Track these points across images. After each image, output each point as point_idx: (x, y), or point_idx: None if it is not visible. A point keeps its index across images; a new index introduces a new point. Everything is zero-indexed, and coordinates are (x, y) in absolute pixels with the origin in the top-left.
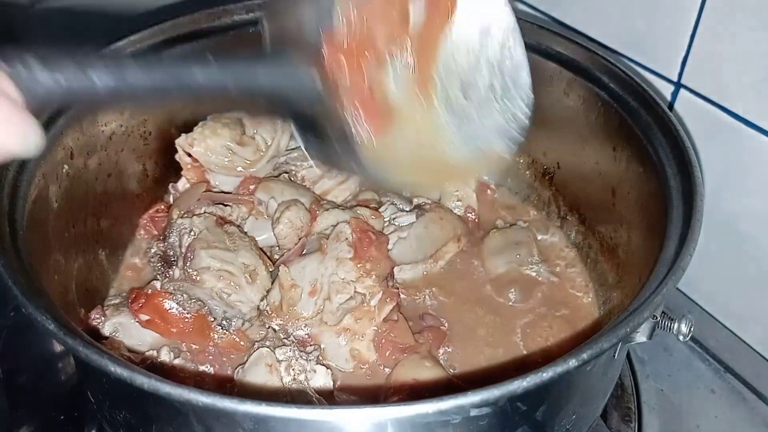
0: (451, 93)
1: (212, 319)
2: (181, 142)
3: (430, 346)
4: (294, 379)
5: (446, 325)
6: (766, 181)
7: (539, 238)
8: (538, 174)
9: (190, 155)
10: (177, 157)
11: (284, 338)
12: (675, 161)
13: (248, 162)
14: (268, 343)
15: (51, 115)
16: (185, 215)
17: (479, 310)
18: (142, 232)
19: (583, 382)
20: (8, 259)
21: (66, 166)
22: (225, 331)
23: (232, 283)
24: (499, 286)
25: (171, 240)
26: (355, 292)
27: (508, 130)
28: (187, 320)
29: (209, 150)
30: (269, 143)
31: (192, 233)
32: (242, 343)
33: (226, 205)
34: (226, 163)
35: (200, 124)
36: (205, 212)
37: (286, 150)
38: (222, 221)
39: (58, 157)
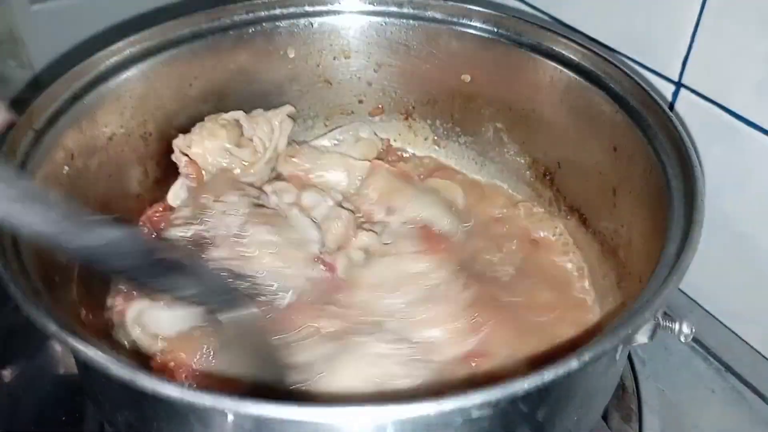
0: None
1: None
2: (178, 143)
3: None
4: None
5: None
6: (767, 181)
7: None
8: (538, 174)
9: (187, 155)
10: (173, 157)
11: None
12: (676, 161)
13: (246, 164)
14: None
15: (51, 116)
16: (219, 200)
17: None
18: None
19: (585, 383)
20: (8, 259)
21: (66, 167)
22: (277, 304)
23: (282, 256)
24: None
25: (208, 223)
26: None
27: None
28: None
29: (207, 152)
30: (267, 145)
31: (237, 213)
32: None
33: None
34: (224, 165)
35: (198, 125)
36: (241, 195)
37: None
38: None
39: (59, 158)
